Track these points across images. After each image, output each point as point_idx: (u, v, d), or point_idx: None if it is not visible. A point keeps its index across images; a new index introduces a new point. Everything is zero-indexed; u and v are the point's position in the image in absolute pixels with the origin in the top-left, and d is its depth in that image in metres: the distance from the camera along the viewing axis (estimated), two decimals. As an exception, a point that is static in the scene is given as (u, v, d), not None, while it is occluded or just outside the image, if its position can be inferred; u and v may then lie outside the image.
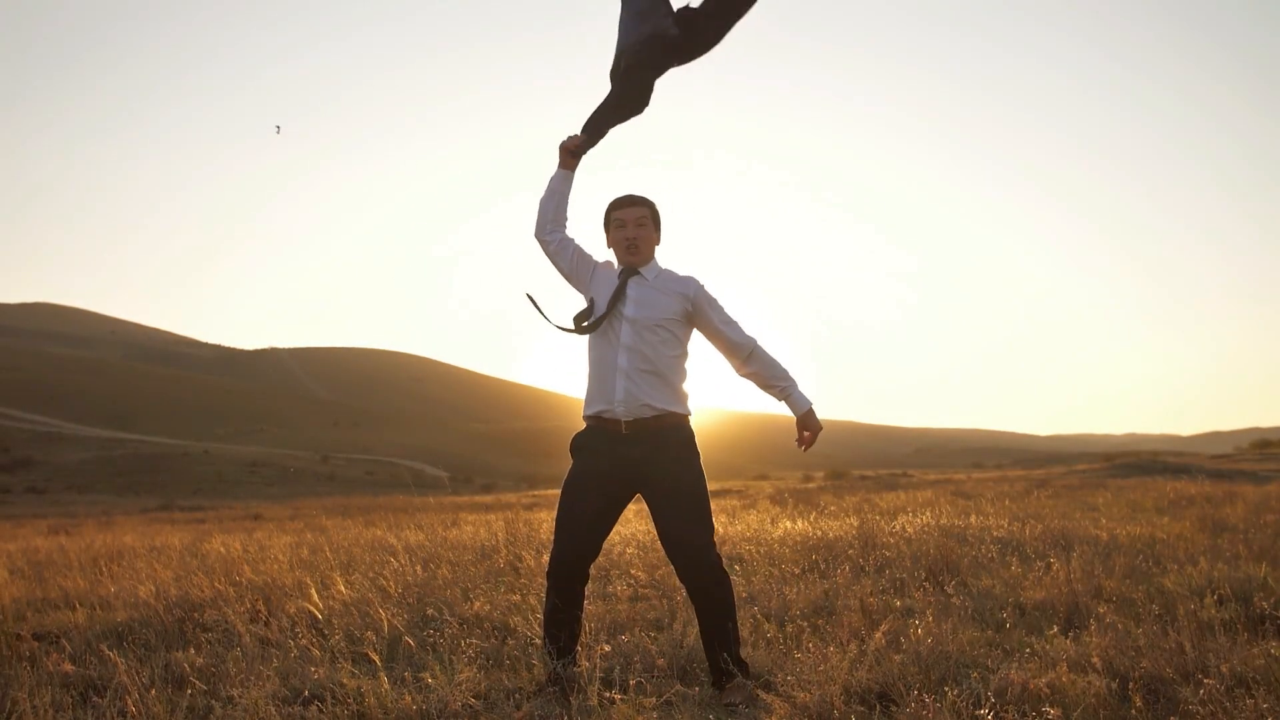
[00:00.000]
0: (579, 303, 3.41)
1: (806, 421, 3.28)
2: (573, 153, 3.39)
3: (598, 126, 3.41)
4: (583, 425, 3.33)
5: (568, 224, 3.41)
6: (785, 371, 3.32)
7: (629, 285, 3.29)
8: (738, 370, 3.35)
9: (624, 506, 3.31)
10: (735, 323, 3.34)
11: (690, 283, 3.33)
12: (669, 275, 3.35)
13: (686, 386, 3.31)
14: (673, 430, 3.23)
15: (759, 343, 3.33)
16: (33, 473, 57.20)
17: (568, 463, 3.32)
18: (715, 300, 3.34)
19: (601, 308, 3.27)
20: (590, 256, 3.40)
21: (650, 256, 3.36)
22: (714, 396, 3.56)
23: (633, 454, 3.18)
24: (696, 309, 3.31)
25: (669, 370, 3.25)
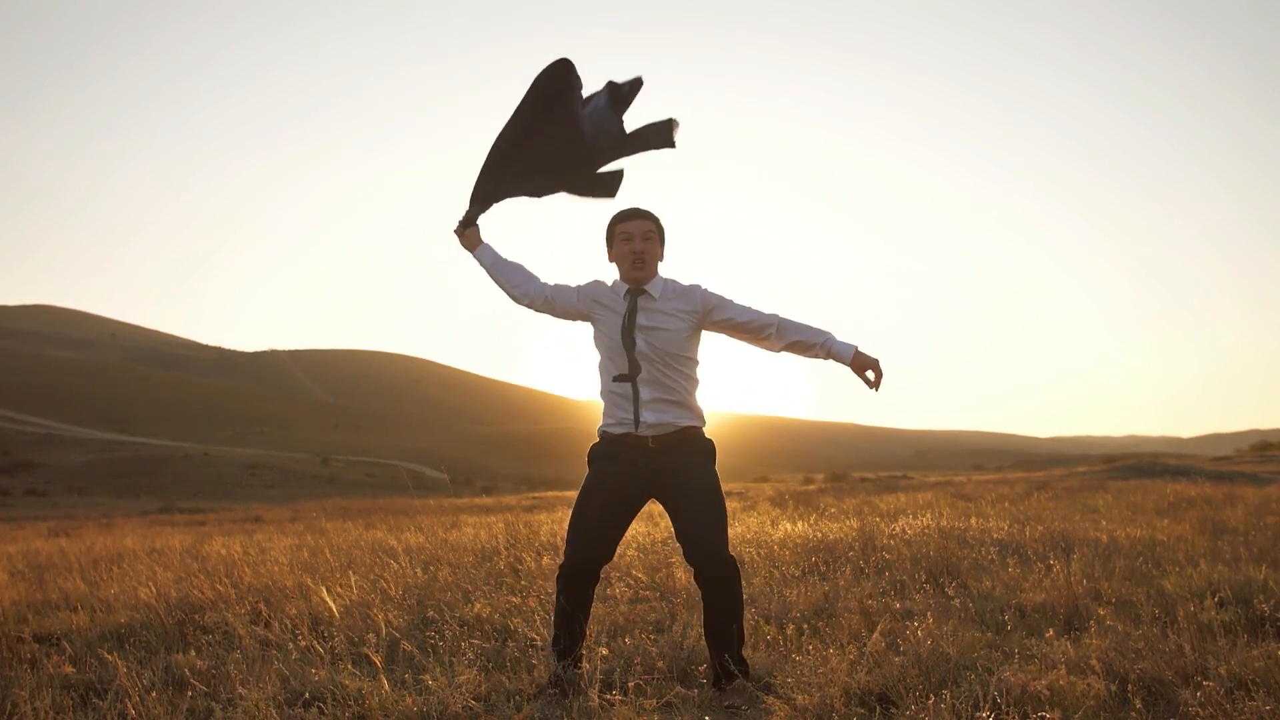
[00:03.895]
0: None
1: (860, 363, 3.20)
2: (466, 235, 3.42)
3: (493, 192, 3.40)
4: (597, 436, 3.34)
5: (531, 277, 3.38)
6: (818, 330, 3.26)
7: (639, 310, 3.24)
8: (772, 348, 3.29)
9: (638, 510, 3.33)
10: (750, 307, 3.29)
11: (695, 293, 3.29)
12: (673, 288, 3.30)
13: (699, 394, 3.32)
14: (693, 441, 3.26)
15: (780, 315, 3.28)
16: (33, 475, 57.24)
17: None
18: (723, 297, 3.30)
19: (614, 332, 3.24)
20: (570, 287, 3.36)
21: (655, 271, 3.30)
22: (714, 399, 3.55)
23: (655, 464, 3.21)
24: (708, 315, 3.28)
25: (687, 393, 3.26)
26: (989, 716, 2.76)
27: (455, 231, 3.45)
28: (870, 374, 3.20)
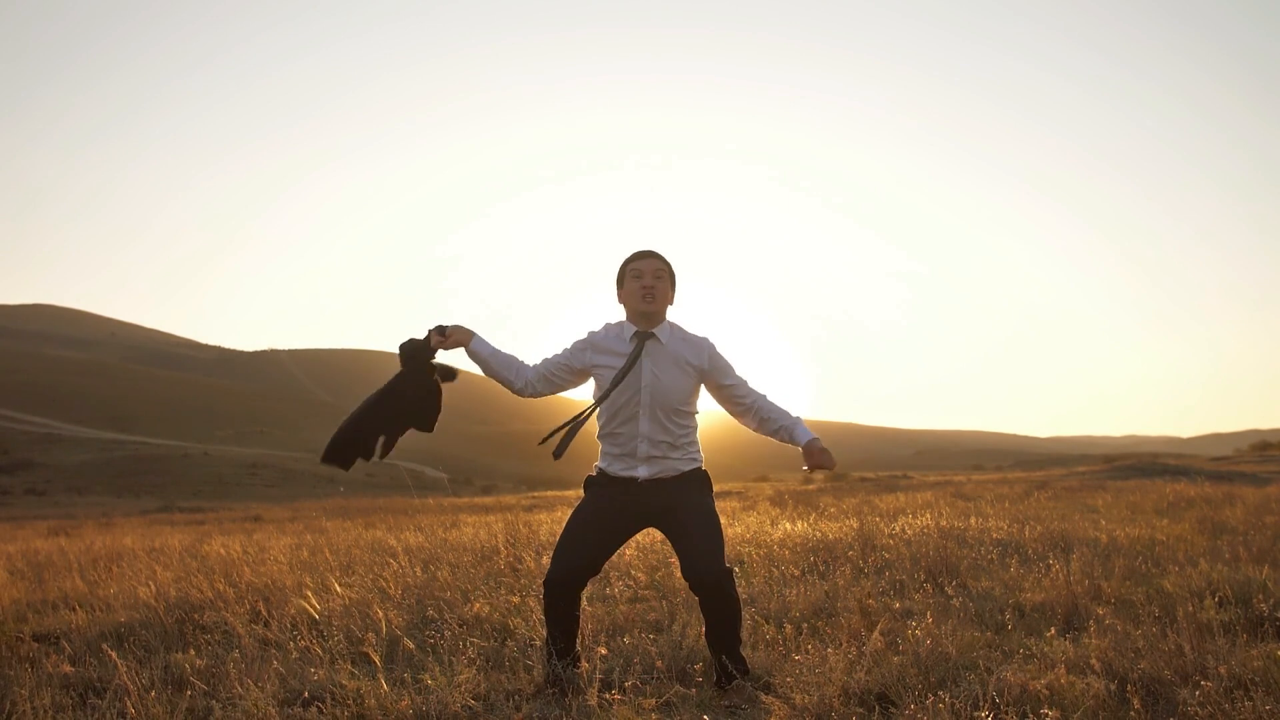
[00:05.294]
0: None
1: (812, 449, 3.26)
2: (451, 340, 3.34)
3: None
4: (593, 470, 3.36)
5: (524, 366, 3.36)
6: (787, 413, 3.35)
7: (644, 355, 3.24)
8: (746, 425, 3.40)
9: (631, 536, 3.37)
10: (743, 381, 3.36)
11: (703, 347, 3.31)
12: (680, 336, 3.32)
13: (697, 435, 3.37)
14: (689, 476, 3.31)
15: (765, 396, 3.36)
16: (32, 474, 57.19)
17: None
18: (726, 362, 3.34)
19: (606, 378, 3.25)
20: (561, 354, 3.35)
21: (664, 313, 3.31)
22: (712, 399, 3.58)
23: (651, 497, 3.26)
24: (708, 375, 3.32)
25: (687, 441, 3.31)
26: (988, 716, 2.76)
27: (434, 346, 3.38)
28: (812, 460, 3.25)
